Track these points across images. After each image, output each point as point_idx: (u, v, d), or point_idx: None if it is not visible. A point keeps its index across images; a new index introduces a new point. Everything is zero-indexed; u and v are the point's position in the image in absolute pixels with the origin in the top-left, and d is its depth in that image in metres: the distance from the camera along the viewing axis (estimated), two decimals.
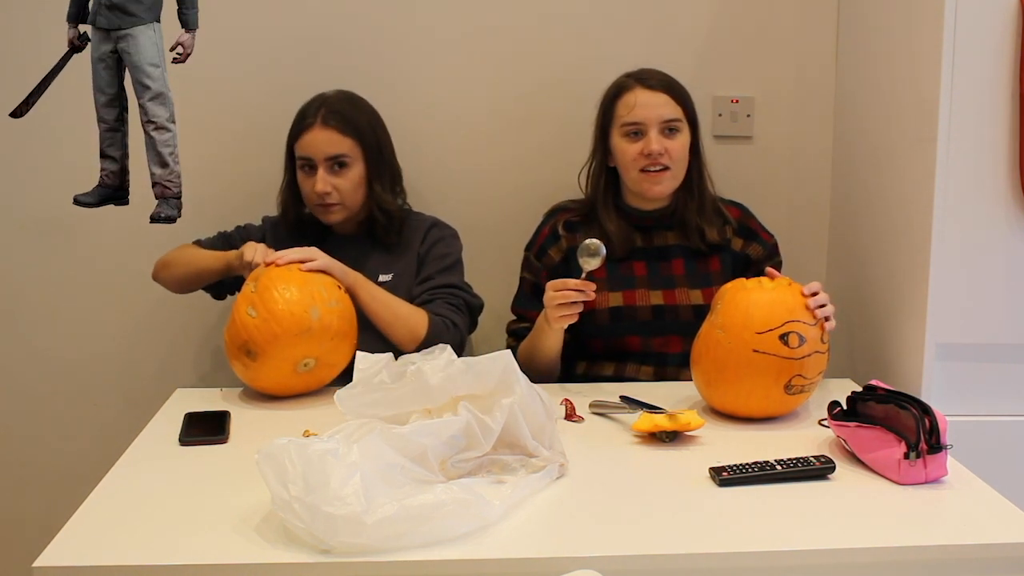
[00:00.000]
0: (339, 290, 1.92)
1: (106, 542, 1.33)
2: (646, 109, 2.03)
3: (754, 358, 1.72)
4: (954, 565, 1.34)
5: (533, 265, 2.15)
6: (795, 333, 1.72)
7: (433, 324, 2.02)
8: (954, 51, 1.80)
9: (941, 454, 1.49)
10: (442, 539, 1.29)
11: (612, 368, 2.08)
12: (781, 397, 1.73)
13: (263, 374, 1.87)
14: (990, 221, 1.85)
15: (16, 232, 2.38)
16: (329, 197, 2.07)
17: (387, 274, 2.11)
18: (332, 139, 2.06)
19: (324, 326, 1.85)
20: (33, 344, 2.42)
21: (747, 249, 2.13)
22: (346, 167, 2.07)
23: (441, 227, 2.20)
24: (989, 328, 1.89)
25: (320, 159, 2.06)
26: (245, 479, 1.45)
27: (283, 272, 1.90)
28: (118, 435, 1.79)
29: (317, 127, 2.06)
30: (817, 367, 1.76)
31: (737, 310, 1.75)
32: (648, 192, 2.06)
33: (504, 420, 1.47)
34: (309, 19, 2.33)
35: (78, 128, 2.34)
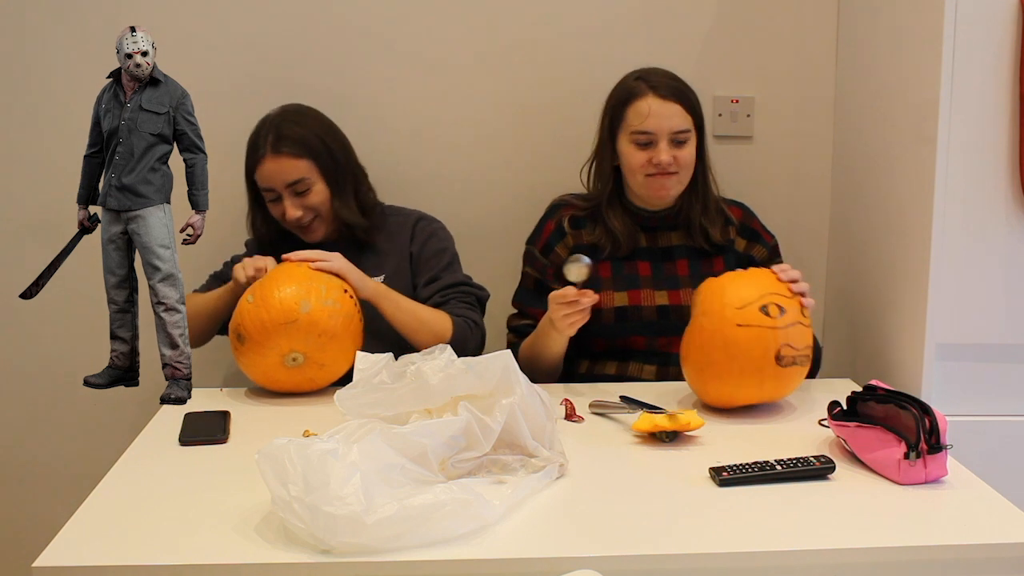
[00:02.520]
0: (344, 294, 1.91)
1: (106, 542, 1.33)
2: (658, 120, 2.02)
3: (738, 333, 1.74)
4: (954, 565, 1.34)
5: (538, 261, 2.14)
6: (774, 304, 1.76)
7: (457, 326, 2.03)
8: (954, 51, 1.80)
9: (941, 454, 1.49)
10: (442, 539, 1.29)
11: (615, 367, 2.08)
12: (775, 371, 1.74)
13: (251, 360, 1.89)
14: (990, 221, 1.85)
15: (16, 232, 2.38)
16: (305, 219, 2.09)
17: (378, 275, 2.10)
18: (286, 166, 2.06)
19: (312, 321, 1.84)
20: (33, 344, 2.42)
21: (751, 251, 2.13)
22: (308, 188, 2.08)
23: (428, 220, 2.20)
24: (989, 328, 1.89)
25: (281, 188, 2.07)
26: (245, 479, 1.45)
27: (291, 267, 1.92)
28: (118, 435, 1.79)
29: (269, 157, 2.07)
30: (803, 338, 1.78)
31: (715, 296, 1.80)
32: (654, 196, 2.07)
33: (504, 420, 1.47)
34: (309, 19, 2.34)
35: (78, 127, 2.34)
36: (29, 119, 2.35)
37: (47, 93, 2.33)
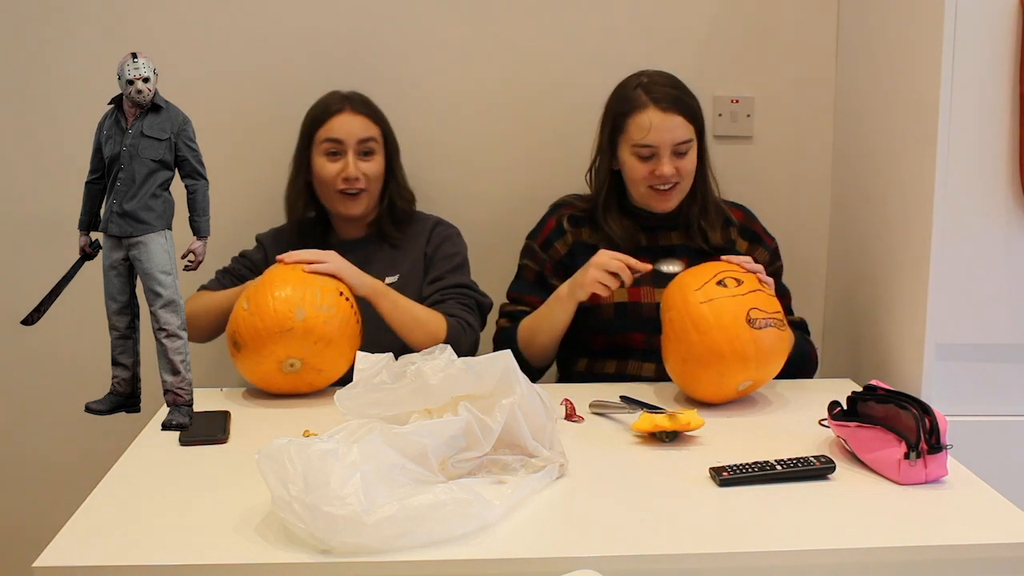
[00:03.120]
0: (339, 297, 1.88)
1: (106, 542, 1.33)
2: (660, 134, 2.02)
3: (703, 309, 1.78)
4: (954, 565, 1.34)
5: (538, 255, 2.15)
6: (730, 277, 1.82)
7: (451, 327, 2.03)
8: (954, 51, 1.80)
9: (941, 454, 1.49)
10: (442, 539, 1.29)
11: (614, 366, 2.08)
12: (751, 335, 1.75)
13: (249, 367, 1.89)
14: (990, 221, 1.85)
15: (16, 232, 2.38)
16: (358, 183, 2.09)
17: (393, 275, 2.11)
18: (363, 123, 2.11)
19: (307, 328, 1.82)
20: (33, 344, 2.42)
21: (752, 252, 2.13)
22: (372, 154, 2.12)
23: (445, 226, 2.21)
24: (989, 328, 1.89)
25: (351, 143, 2.09)
26: (245, 479, 1.45)
27: (285, 271, 1.90)
28: (118, 435, 1.79)
29: (347, 112, 2.11)
30: (769, 303, 1.81)
31: (674, 291, 1.86)
32: (655, 208, 2.09)
33: (504, 420, 1.47)
34: (313, 19, 2.34)
35: (78, 127, 2.34)
36: (29, 119, 2.35)
37: (47, 93, 2.33)
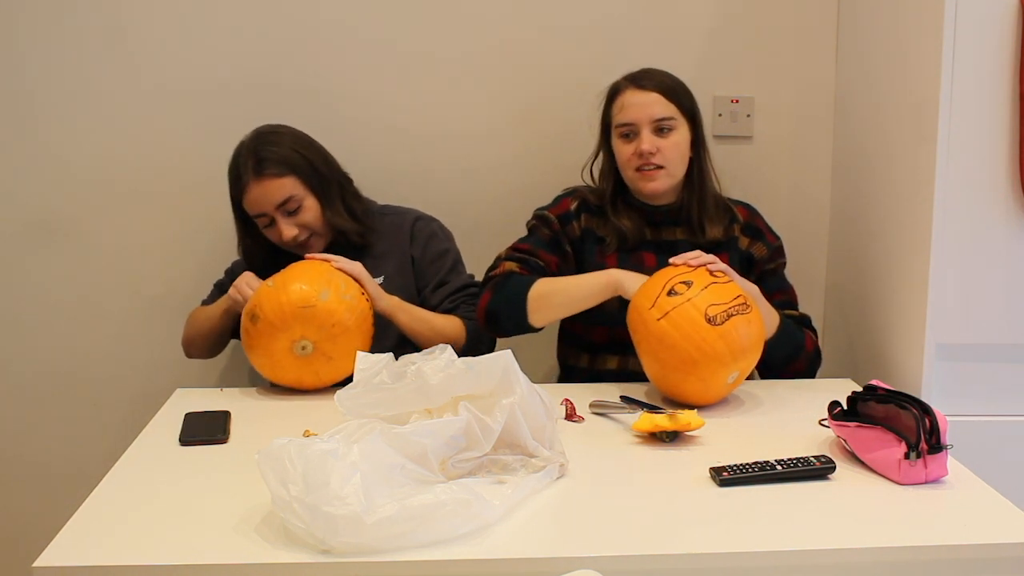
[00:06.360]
0: (361, 295, 1.95)
1: (106, 542, 1.33)
2: (636, 109, 2.04)
3: (662, 326, 1.78)
4: (954, 565, 1.34)
5: (554, 223, 2.12)
6: (678, 283, 1.81)
7: (470, 329, 2.08)
8: (954, 51, 1.80)
9: (941, 454, 1.49)
10: (442, 539, 1.29)
11: (616, 362, 2.09)
12: (718, 332, 1.75)
13: (262, 343, 1.90)
14: (990, 221, 1.85)
15: (16, 232, 2.38)
16: (301, 236, 2.07)
17: (378, 277, 2.10)
18: (273, 188, 2.03)
19: (329, 310, 1.87)
20: (33, 344, 2.43)
21: (751, 248, 2.13)
22: (299, 205, 2.06)
23: (426, 220, 2.21)
24: (989, 328, 1.89)
25: (272, 211, 2.05)
26: (245, 479, 1.46)
27: (314, 263, 1.97)
28: (118, 435, 1.79)
29: (253, 183, 2.03)
30: (724, 294, 1.80)
31: (631, 314, 1.87)
32: (643, 190, 2.08)
33: (504, 420, 1.47)
34: (313, 19, 2.34)
35: (79, 128, 2.35)
36: (29, 119, 2.35)
37: (47, 93, 2.33)
